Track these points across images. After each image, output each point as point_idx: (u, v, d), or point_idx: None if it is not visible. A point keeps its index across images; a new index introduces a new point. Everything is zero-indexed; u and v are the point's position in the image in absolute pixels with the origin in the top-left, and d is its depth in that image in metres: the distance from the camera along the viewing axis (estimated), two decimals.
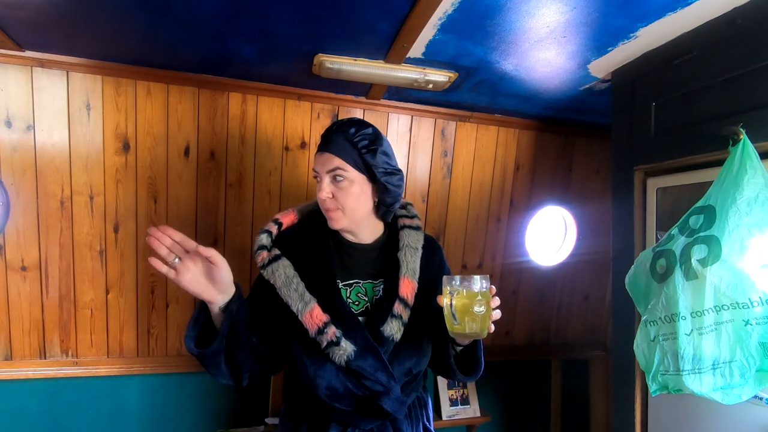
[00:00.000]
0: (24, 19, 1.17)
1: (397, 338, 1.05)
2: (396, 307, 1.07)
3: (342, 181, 1.05)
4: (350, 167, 1.04)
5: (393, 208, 1.13)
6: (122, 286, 1.66)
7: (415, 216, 1.21)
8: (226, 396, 1.86)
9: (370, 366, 1.03)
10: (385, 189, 1.07)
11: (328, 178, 1.05)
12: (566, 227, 2.22)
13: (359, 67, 1.39)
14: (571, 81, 1.50)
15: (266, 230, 1.12)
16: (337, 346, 1.00)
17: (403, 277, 1.09)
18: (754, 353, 0.90)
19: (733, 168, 0.97)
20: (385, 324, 1.05)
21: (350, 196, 1.05)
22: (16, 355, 1.60)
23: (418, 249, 1.14)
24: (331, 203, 1.06)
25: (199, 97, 1.58)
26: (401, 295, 1.07)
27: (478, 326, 0.93)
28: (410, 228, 1.16)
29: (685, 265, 0.97)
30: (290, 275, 1.05)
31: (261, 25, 1.18)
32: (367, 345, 1.03)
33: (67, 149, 1.50)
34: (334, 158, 1.04)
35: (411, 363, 1.10)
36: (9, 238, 1.51)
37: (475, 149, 1.92)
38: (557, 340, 2.35)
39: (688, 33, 1.19)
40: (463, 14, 1.10)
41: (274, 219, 1.15)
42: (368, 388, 1.04)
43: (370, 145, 1.06)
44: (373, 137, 1.07)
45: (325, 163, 1.05)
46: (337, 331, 1.01)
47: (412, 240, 1.14)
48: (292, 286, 1.04)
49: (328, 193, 1.05)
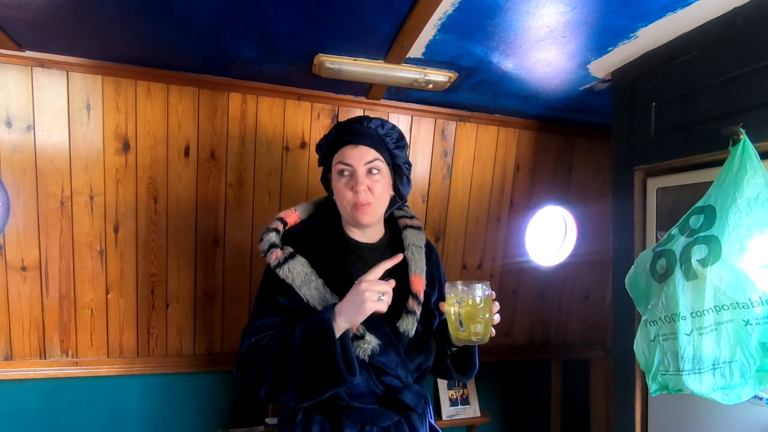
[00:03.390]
0: (24, 19, 1.17)
1: (411, 334, 1.07)
2: (410, 303, 1.09)
3: (377, 174, 1.06)
4: (383, 162, 1.08)
5: (402, 203, 1.19)
6: (122, 286, 1.66)
7: (414, 216, 1.24)
8: (226, 396, 1.86)
9: (391, 361, 1.04)
10: (407, 182, 1.14)
11: (363, 171, 1.05)
12: (566, 227, 2.22)
13: (359, 67, 1.39)
14: (571, 81, 1.50)
15: (273, 228, 1.09)
16: (362, 340, 1.00)
17: (414, 274, 1.12)
18: (754, 353, 0.90)
19: (733, 168, 0.97)
20: (401, 320, 1.07)
21: (384, 189, 1.08)
22: (16, 355, 1.60)
23: (422, 247, 1.17)
24: (368, 197, 1.05)
25: (199, 97, 1.58)
26: (414, 290, 1.10)
27: (482, 332, 0.96)
28: (412, 228, 1.20)
29: (685, 265, 0.97)
30: (308, 273, 1.04)
31: (261, 25, 1.18)
32: (389, 340, 1.04)
33: (67, 149, 1.50)
34: (372, 151, 1.06)
35: (421, 358, 1.11)
36: (9, 238, 1.51)
37: (475, 149, 1.92)
38: (557, 340, 2.35)
39: (688, 33, 1.19)
40: (463, 14, 1.10)
41: (279, 217, 1.13)
42: (387, 384, 1.05)
43: (399, 140, 1.12)
44: (400, 134, 1.13)
45: (363, 156, 1.05)
46: (361, 326, 1.00)
47: (416, 239, 1.17)
48: (312, 284, 1.02)
49: (367, 187, 1.05)
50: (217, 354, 1.81)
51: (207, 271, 1.72)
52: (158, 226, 1.64)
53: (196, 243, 1.69)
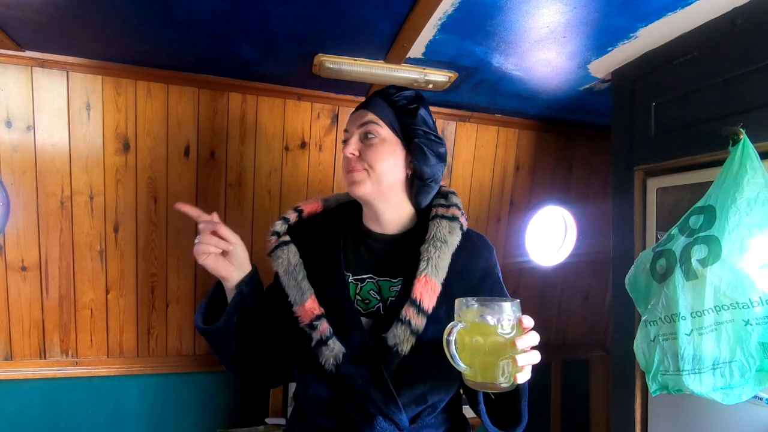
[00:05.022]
0: (24, 19, 1.17)
1: (403, 349, 0.86)
2: (405, 311, 0.88)
3: (373, 138, 0.94)
4: (384, 124, 0.95)
5: (429, 185, 0.97)
6: (122, 286, 1.66)
7: (454, 205, 1.00)
8: (226, 396, 1.86)
9: (361, 376, 0.86)
10: (423, 155, 0.93)
11: (357, 135, 0.96)
12: (566, 227, 2.22)
13: (359, 67, 1.39)
14: (571, 81, 1.50)
15: (283, 217, 1.05)
16: (326, 345, 0.87)
17: (421, 275, 0.90)
18: (754, 353, 0.90)
19: (733, 168, 0.97)
20: (390, 330, 0.87)
21: (380, 154, 0.93)
22: (16, 355, 1.60)
23: (449, 243, 0.93)
24: (356, 162, 0.94)
25: (199, 97, 1.58)
26: (413, 296, 0.89)
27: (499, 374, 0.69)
28: (444, 218, 0.96)
29: (685, 265, 0.97)
30: (294, 262, 0.96)
31: (261, 25, 1.18)
32: (362, 350, 0.87)
33: (67, 149, 1.50)
34: (368, 113, 0.96)
35: (425, 387, 0.88)
36: (9, 238, 1.51)
37: (475, 149, 1.92)
38: (557, 340, 2.35)
39: (688, 33, 1.19)
40: (463, 14, 1.10)
41: (295, 206, 1.07)
42: (360, 407, 0.87)
43: (409, 104, 0.95)
44: (414, 98, 0.97)
45: (357, 119, 0.97)
46: (328, 330, 0.89)
47: (442, 231, 0.94)
48: (293, 274, 0.95)
49: (354, 150, 0.95)
50: None
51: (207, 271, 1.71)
52: (158, 226, 1.64)
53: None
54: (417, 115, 0.95)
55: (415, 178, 0.97)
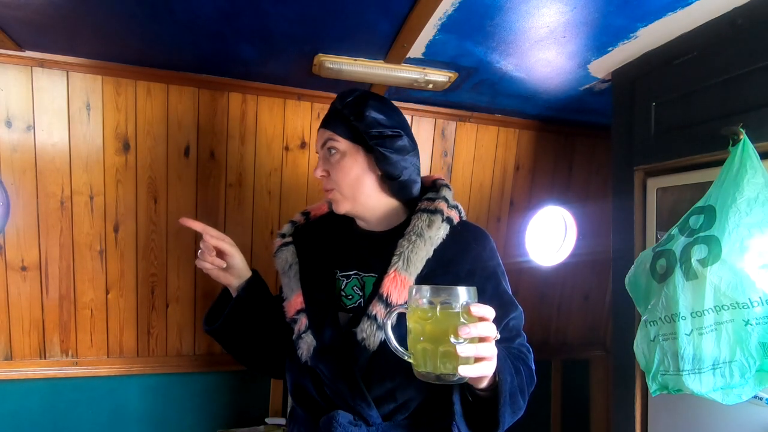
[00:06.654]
0: (24, 19, 1.17)
1: (371, 345, 0.86)
2: (372, 307, 0.88)
3: (335, 153, 0.95)
4: (340, 138, 0.95)
5: (406, 182, 0.96)
6: (122, 286, 1.66)
7: (442, 198, 0.99)
8: (226, 396, 1.86)
9: (329, 369, 0.88)
10: (382, 156, 0.92)
11: (322, 155, 0.98)
12: (566, 227, 2.22)
13: (359, 67, 1.39)
14: (571, 81, 1.50)
15: (291, 220, 1.12)
16: (301, 339, 0.93)
17: (391, 271, 0.89)
18: (754, 353, 0.90)
19: (733, 168, 0.97)
20: (359, 325, 0.88)
21: (342, 170, 0.94)
22: (16, 355, 1.60)
23: (426, 237, 0.91)
24: (327, 183, 0.97)
25: (199, 97, 1.58)
26: (380, 291, 0.88)
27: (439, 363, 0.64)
28: (424, 211, 0.95)
29: (685, 265, 0.97)
30: (290, 262, 1.02)
31: (261, 25, 1.18)
32: (332, 343, 0.90)
33: (67, 149, 1.50)
34: (326, 131, 0.97)
35: (394, 384, 0.87)
36: (9, 238, 1.51)
37: (475, 149, 1.92)
38: (557, 340, 2.35)
39: (688, 33, 1.19)
40: (463, 14, 1.10)
41: (303, 210, 1.14)
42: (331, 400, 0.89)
43: (356, 109, 0.93)
44: (359, 101, 0.94)
45: (319, 139, 1.00)
46: (306, 323, 0.94)
47: (419, 225, 0.92)
48: (288, 273, 1.02)
49: (322, 171, 0.97)
50: (217, 354, 1.81)
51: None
52: (158, 226, 1.64)
53: (196, 243, 1.68)
54: (365, 118, 0.93)
55: (385, 177, 0.97)
